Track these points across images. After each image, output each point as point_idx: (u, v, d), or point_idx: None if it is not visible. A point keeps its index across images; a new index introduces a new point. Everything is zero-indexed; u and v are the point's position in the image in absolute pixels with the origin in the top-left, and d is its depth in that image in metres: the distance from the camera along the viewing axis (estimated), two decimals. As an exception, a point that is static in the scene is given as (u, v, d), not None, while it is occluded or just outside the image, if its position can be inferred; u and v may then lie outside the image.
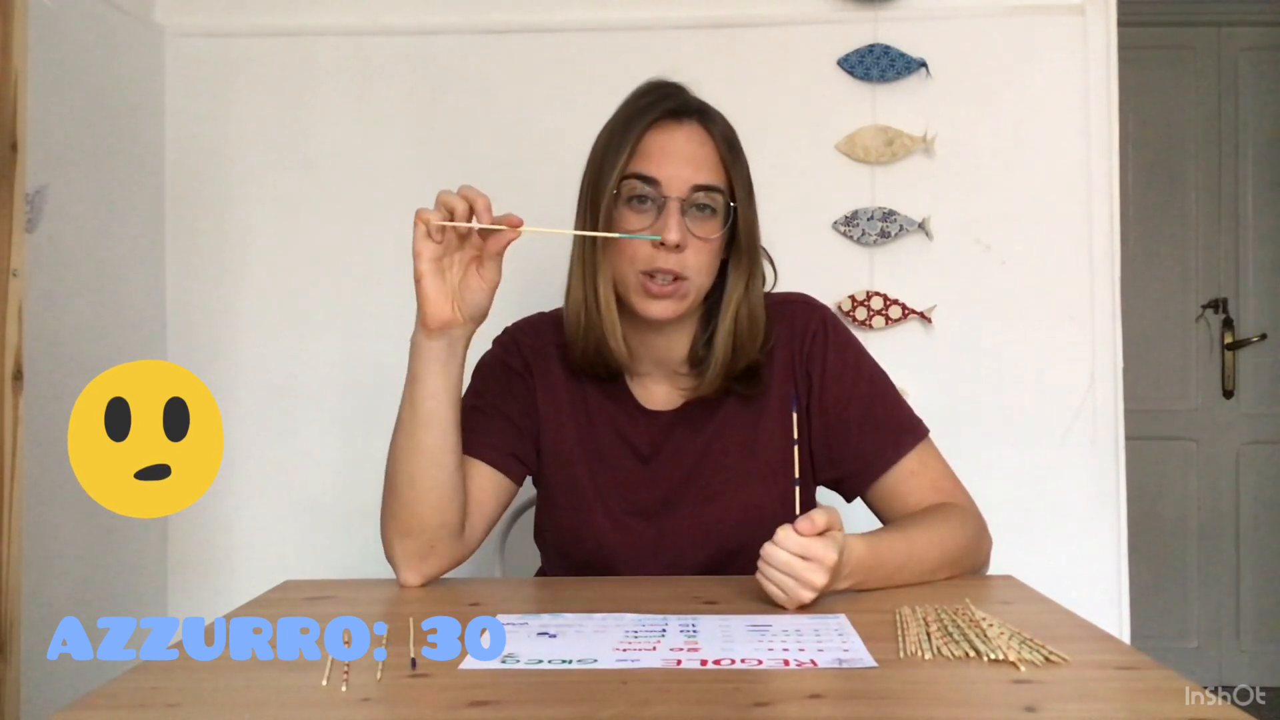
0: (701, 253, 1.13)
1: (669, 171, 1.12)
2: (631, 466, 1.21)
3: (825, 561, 0.95)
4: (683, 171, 1.12)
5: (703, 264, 1.14)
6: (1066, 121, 1.85)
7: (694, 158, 1.13)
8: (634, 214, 1.13)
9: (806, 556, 0.95)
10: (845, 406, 1.19)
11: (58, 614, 1.58)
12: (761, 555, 0.97)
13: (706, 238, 1.13)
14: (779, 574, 0.95)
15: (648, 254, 1.12)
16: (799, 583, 0.95)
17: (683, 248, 1.11)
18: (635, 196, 1.13)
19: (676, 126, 1.15)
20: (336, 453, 1.91)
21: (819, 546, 0.95)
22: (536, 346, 1.24)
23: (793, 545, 0.95)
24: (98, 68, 1.72)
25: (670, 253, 1.11)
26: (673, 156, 1.13)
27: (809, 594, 0.95)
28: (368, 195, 1.91)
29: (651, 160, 1.13)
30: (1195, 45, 3.17)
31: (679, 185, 1.12)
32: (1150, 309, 3.12)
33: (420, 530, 1.10)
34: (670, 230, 1.10)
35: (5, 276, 1.22)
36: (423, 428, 1.07)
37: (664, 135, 1.14)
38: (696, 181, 1.13)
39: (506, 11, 1.90)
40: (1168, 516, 3.16)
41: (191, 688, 0.77)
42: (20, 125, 1.24)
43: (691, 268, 1.13)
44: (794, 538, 0.95)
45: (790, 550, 0.95)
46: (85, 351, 1.66)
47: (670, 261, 1.11)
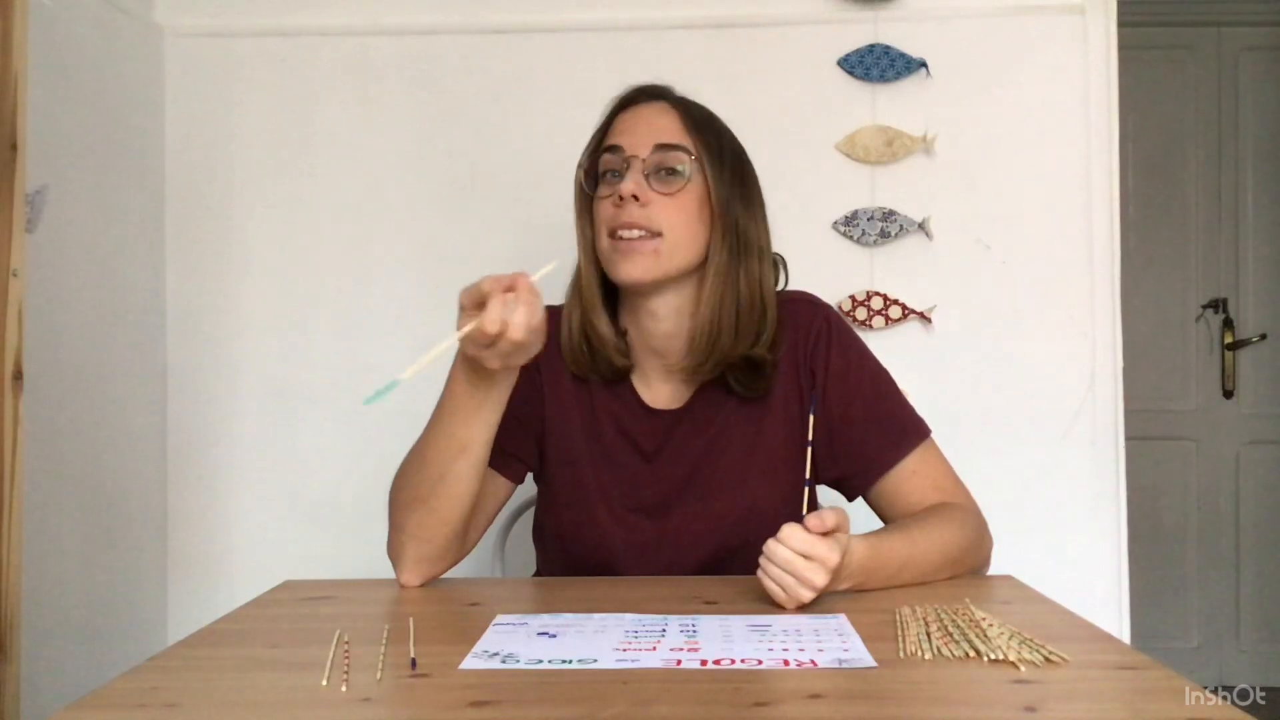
0: (669, 209, 1.15)
1: (632, 139, 1.16)
2: (634, 464, 1.21)
3: (827, 562, 0.95)
4: (645, 136, 1.16)
5: (674, 220, 1.15)
6: (1066, 121, 1.85)
7: (655, 124, 1.18)
8: (603, 186, 1.18)
9: (809, 556, 0.94)
10: (849, 406, 1.19)
11: (58, 614, 1.58)
12: (764, 551, 0.97)
13: (666, 193, 1.15)
14: (780, 571, 0.95)
15: (611, 213, 1.15)
16: (799, 581, 0.95)
17: (643, 201, 1.14)
18: (606, 171, 1.17)
19: (643, 105, 1.20)
20: (336, 453, 1.91)
21: (823, 547, 0.95)
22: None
23: (797, 543, 0.95)
24: (98, 68, 1.72)
25: (633, 207, 1.13)
26: (637, 125, 1.18)
27: (808, 594, 0.95)
28: (367, 195, 1.91)
29: (617, 133, 1.18)
30: (1195, 45, 3.17)
31: (642, 147, 1.16)
32: (1150, 309, 3.12)
33: (440, 537, 1.10)
34: (626, 183, 1.14)
35: (5, 276, 1.22)
36: (476, 448, 1.08)
37: (630, 112, 1.20)
38: (659, 140, 1.16)
39: (506, 11, 1.90)
40: (1168, 516, 3.16)
41: (191, 688, 0.77)
42: (20, 125, 1.24)
43: (661, 223, 1.14)
44: (799, 535, 0.95)
45: (794, 548, 0.95)
46: (85, 351, 1.66)
47: (634, 215, 1.14)
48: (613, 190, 1.15)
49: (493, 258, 1.89)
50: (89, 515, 1.68)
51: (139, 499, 1.84)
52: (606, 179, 1.17)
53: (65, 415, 1.61)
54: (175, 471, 1.92)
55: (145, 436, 1.86)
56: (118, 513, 1.76)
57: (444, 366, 1.06)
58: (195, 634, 0.92)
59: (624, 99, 1.22)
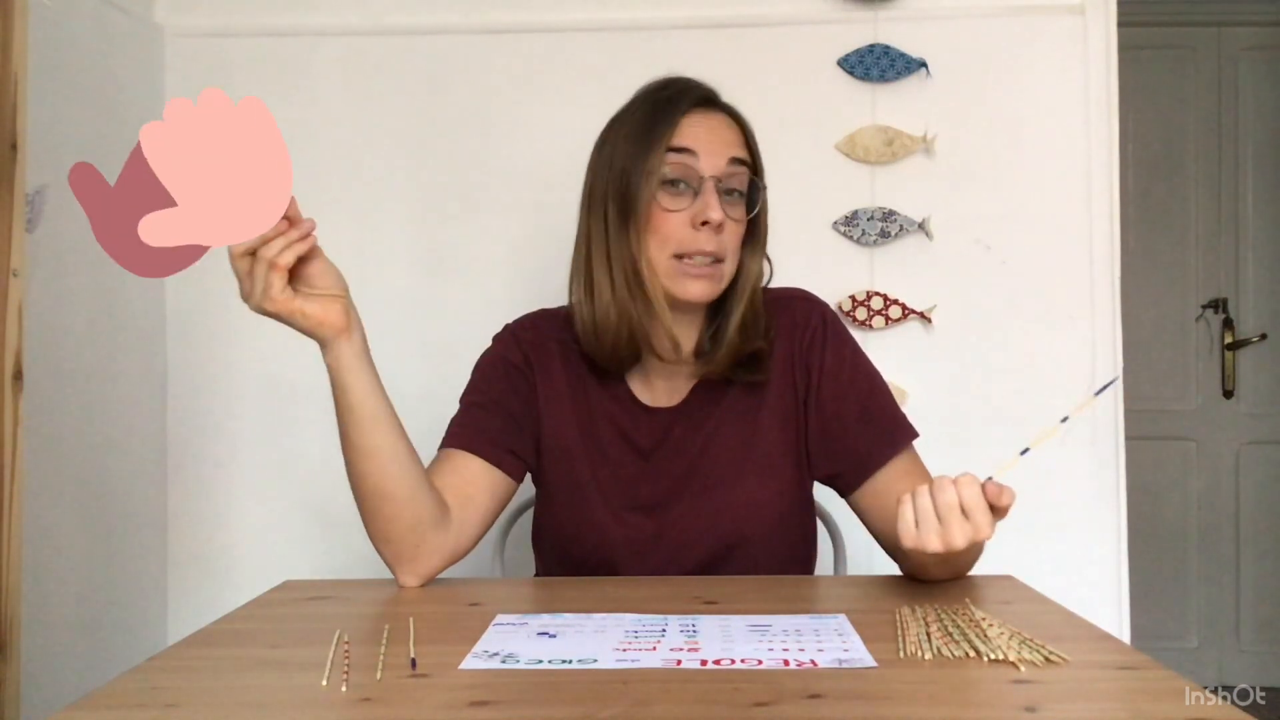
0: (734, 235, 1.16)
1: (708, 147, 1.14)
2: (632, 462, 1.21)
3: (980, 534, 0.90)
4: (719, 147, 1.15)
5: (735, 246, 1.17)
6: (1066, 121, 1.85)
7: (727, 138, 1.16)
8: (669, 197, 1.14)
9: (969, 514, 0.90)
10: (843, 403, 1.20)
11: (58, 614, 1.58)
12: (933, 483, 0.92)
13: (738, 219, 1.16)
14: (928, 507, 0.91)
15: (686, 236, 1.13)
16: (942, 531, 0.91)
17: (723, 229, 1.13)
18: (671, 180, 1.14)
19: (711, 111, 1.18)
20: (336, 453, 1.89)
21: (987, 517, 0.91)
22: (536, 342, 1.25)
23: (968, 496, 0.90)
24: (98, 68, 1.72)
25: (712, 233, 1.13)
26: (710, 133, 1.15)
27: (939, 545, 0.90)
28: (367, 195, 1.91)
29: (688, 136, 1.14)
30: (1195, 45, 3.17)
31: (716, 161, 1.14)
32: (1150, 309, 3.12)
33: (399, 533, 1.09)
34: (713, 208, 1.12)
35: (5, 276, 1.22)
36: (370, 430, 1.06)
37: (700, 116, 1.16)
38: (732, 155, 1.15)
39: (506, 11, 1.90)
40: (1168, 516, 3.16)
41: (191, 688, 0.77)
42: (20, 125, 1.24)
43: (728, 249, 1.15)
44: (974, 490, 0.90)
45: (962, 498, 0.90)
46: (85, 351, 1.66)
47: (711, 243, 1.13)
48: (684, 205, 1.13)
49: (492, 257, 1.90)
50: (89, 515, 1.68)
51: (139, 499, 1.84)
52: (674, 188, 1.14)
53: (65, 415, 1.61)
54: (175, 471, 1.92)
55: (145, 436, 1.86)
56: (118, 513, 1.76)
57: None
58: (195, 634, 0.92)
59: (689, 98, 1.16)
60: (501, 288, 1.87)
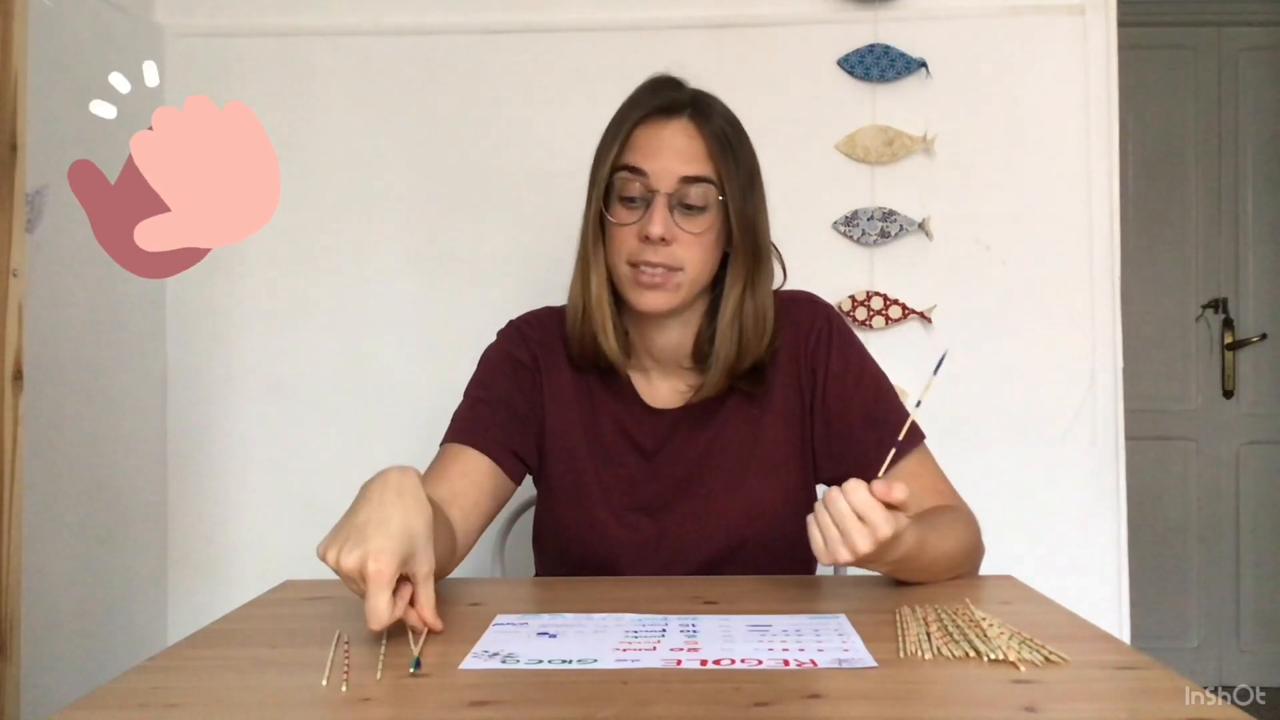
0: (693, 247, 1.14)
1: (656, 165, 1.13)
2: (635, 463, 1.21)
3: (879, 531, 0.90)
4: (670, 164, 1.13)
5: (695, 258, 1.14)
6: (1066, 121, 1.86)
7: (681, 151, 1.14)
8: (625, 210, 1.14)
9: (865, 519, 0.90)
10: (849, 405, 1.19)
11: (58, 614, 1.58)
12: (823, 498, 0.93)
13: (693, 232, 1.13)
14: (829, 522, 0.91)
15: (634, 246, 1.13)
16: (843, 539, 0.90)
17: (669, 241, 1.12)
18: (626, 196, 1.14)
19: (666, 121, 1.15)
20: (336, 452, 1.91)
21: (881, 515, 0.90)
22: (542, 339, 1.25)
23: (857, 501, 0.90)
24: (98, 68, 1.71)
25: (657, 246, 1.12)
26: (660, 150, 1.13)
27: (847, 555, 0.91)
28: (367, 195, 1.91)
29: (638, 153, 1.14)
30: (1195, 45, 3.17)
31: (666, 179, 1.13)
32: (1150, 309, 3.12)
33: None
34: (654, 224, 1.11)
35: (5, 276, 1.22)
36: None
37: (653, 129, 1.15)
38: (684, 174, 1.13)
39: (506, 11, 1.90)
40: (1168, 516, 3.16)
41: (191, 688, 0.77)
42: (20, 125, 1.24)
43: (683, 260, 1.13)
44: (862, 494, 0.90)
45: (853, 505, 0.90)
46: (85, 351, 1.66)
47: (658, 255, 1.12)
48: (634, 219, 1.13)
49: (492, 257, 1.90)
50: (89, 515, 1.68)
51: (139, 499, 1.84)
52: (626, 204, 1.14)
53: (65, 415, 1.61)
54: (175, 471, 1.92)
55: (145, 436, 1.86)
56: (118, 513, 1.76)
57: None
58: (195, 634, 0.92)
59: (642, 108, 1.15)
60: (501, 286, 1.87)
